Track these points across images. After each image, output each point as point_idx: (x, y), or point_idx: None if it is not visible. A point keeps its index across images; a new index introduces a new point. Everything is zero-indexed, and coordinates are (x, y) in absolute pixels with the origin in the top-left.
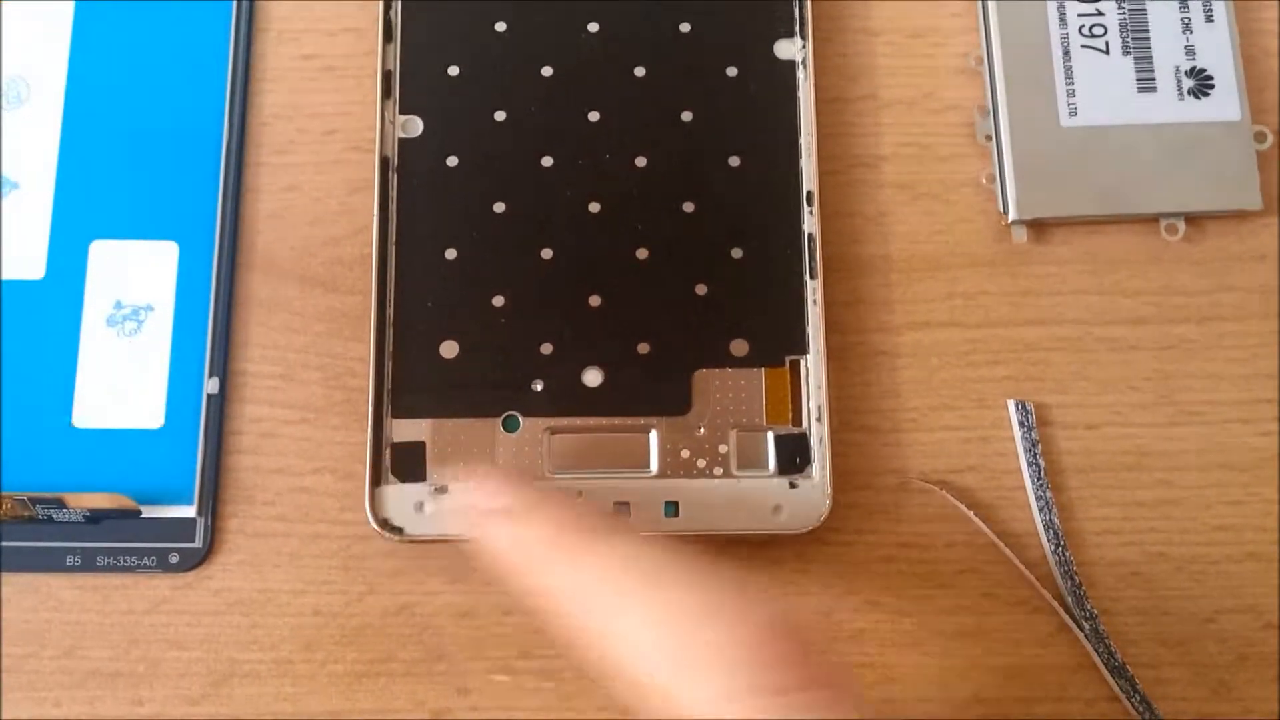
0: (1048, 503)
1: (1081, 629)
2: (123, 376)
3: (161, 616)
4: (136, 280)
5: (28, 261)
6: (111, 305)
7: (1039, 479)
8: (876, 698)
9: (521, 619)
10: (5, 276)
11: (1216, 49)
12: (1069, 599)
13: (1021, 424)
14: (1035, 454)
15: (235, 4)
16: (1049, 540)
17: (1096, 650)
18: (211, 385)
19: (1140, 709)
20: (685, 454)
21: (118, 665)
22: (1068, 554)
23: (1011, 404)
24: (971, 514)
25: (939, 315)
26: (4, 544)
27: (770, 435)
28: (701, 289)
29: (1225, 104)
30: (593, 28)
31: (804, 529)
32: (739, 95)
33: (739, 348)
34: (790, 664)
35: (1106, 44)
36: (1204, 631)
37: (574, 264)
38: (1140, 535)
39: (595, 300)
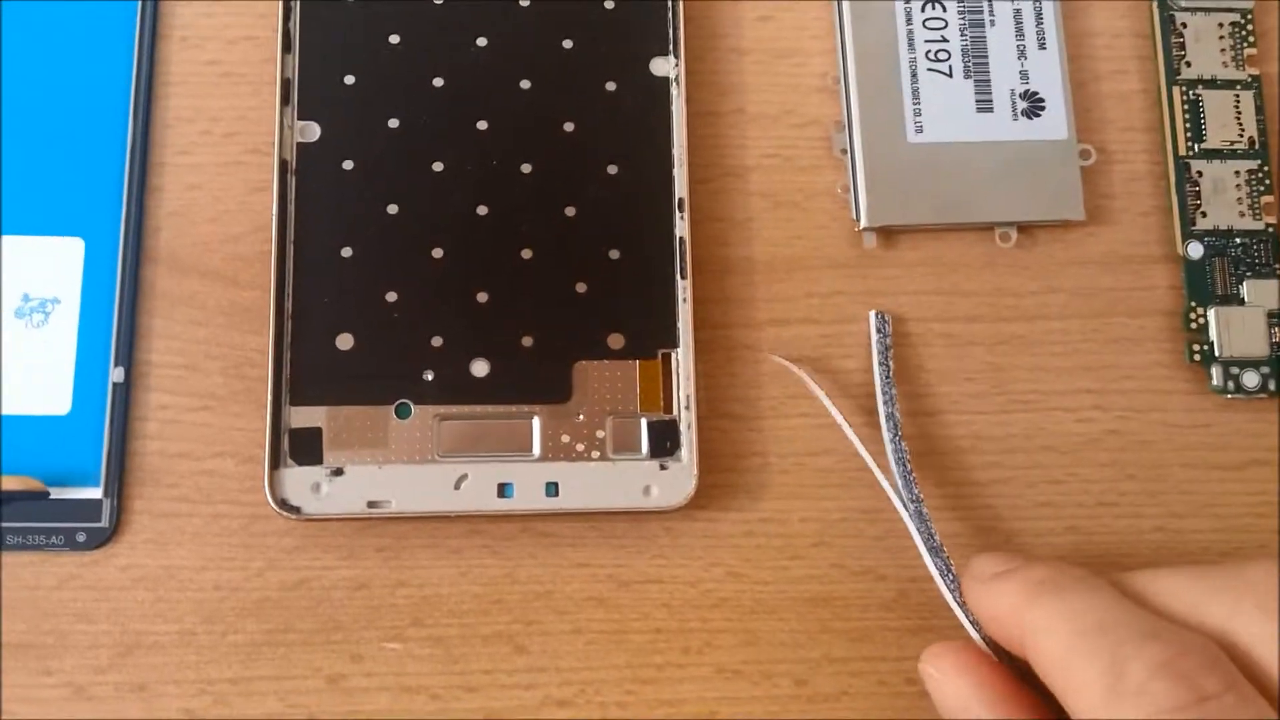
0: (891, 398)
1: (907, 509)
2: (30, 365)
3: (69, 592)
4: (44, 274)
5: None
6: (19, 298)
7: (887, 378)
8: (739, 659)
9: (413, 590)
10: None
11: (1048, 73)
12: (899, 482)
13: (879, 331)
14: (886, 357)
15: (139, 9)
16: (888, 430)
17: (919, 530)
18: (117, 374)
19: (952, 587)
20: (565, 439)
21: (28, 638)
22: (903, 445)
23: (872, 315)
24: (821, 393)
25: (797, 313)
26: None
27: (643, 421)
28: (581, 287)
29: (1055, 124)
30: (481, 42)
31: (672, 506)
32: (617, 108)
33: (615, 341)
34: None
35: (950, 68)
36: None
37: (463, 263)
38: (974, 511)
39: (483, 297)
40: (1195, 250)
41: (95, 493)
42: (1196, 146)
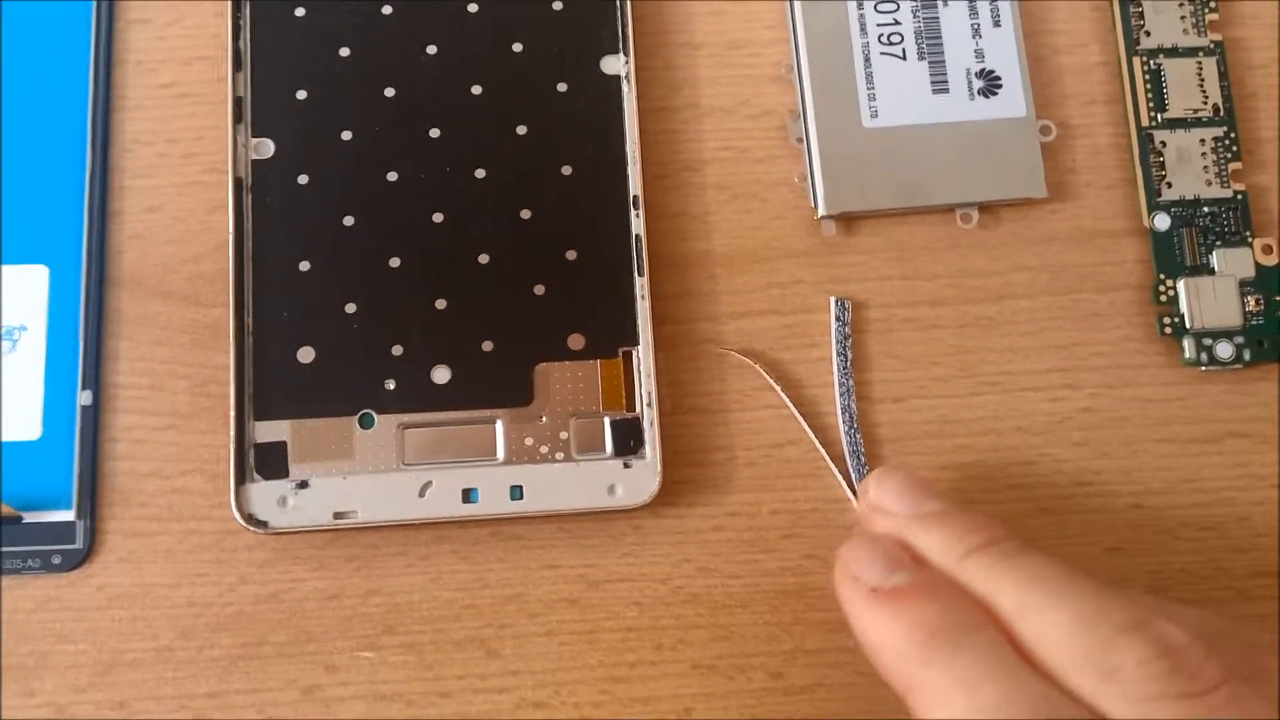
0: (848, 389)
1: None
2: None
3: (48, 614)
4: (9, 302)
5: None
6: None
7: (845, 368)
8: (712, 654)
9: (384, 599)
10: None
11: (1003, 51)
12: (854, 476)
13: (838, 319)
14: (845, 346)
15: (93, 36)
16: (844, 423)
17: None
18: (85, 397)
19: None
20: (529, 441)
21: (9, 660)
22: (858, 437)
23: (832, 300)
24: (779, 388)
25: (759, 304)
26: None
27: (606, 421)
28: (539, 289)
29: (1012, 101)
30: (431, 50)
31: (638, 504)
32: (569, 109)
33: (576, 342)
34: None
35: (904, 50)
36: None
37: (421, 271)
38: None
39: (441, 304)
40: (1162, 222)
41: (68, 515)
42: (1159, 117)
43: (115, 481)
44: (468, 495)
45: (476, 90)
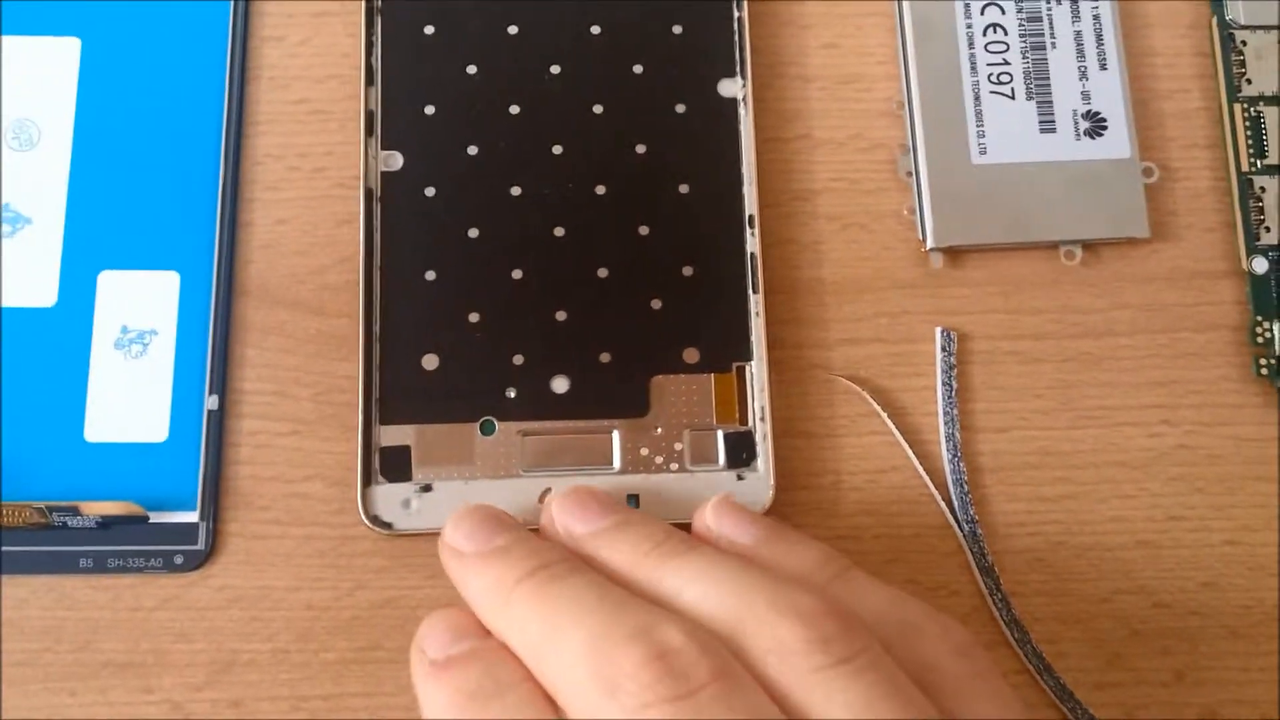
0: (953, 419)
1: (962, 529)
2: (129, 395)
3: (168, 612)
4: (141, 307)
5: (40, 291)
6: (118, 330)
7: (949, 398)
8: None
9: None
10: (20, 305)
11: (1109, 93)
12: (956, 504)
13: (944, 349)
14: (950, 376)
15: (228, 53)
16: (948, 451)
17: (972, 550)
18: (211, 402)
19: (1001, 607)
20: (644, 451)
21: (128, 657)
22: (961, 465)
23: (938, 331)
24: (885, 415)
25: (867, 332)
26: (23, 548)
27: (719, 433)
28: (656, 303)
29: (1117, 143)
30: (555, 70)
31: None
32: (687, 129)
33: (691, 355)
34: None
35: (1012, 90)
36: (1101, 610)
37: (542, 283)
38: (1044, 526)
39: (561, 315)
40: (1260, 265)
41: (191, 516)
42: (1259, 163)
43: (238, 485)
44: None
45: (598, 109)
